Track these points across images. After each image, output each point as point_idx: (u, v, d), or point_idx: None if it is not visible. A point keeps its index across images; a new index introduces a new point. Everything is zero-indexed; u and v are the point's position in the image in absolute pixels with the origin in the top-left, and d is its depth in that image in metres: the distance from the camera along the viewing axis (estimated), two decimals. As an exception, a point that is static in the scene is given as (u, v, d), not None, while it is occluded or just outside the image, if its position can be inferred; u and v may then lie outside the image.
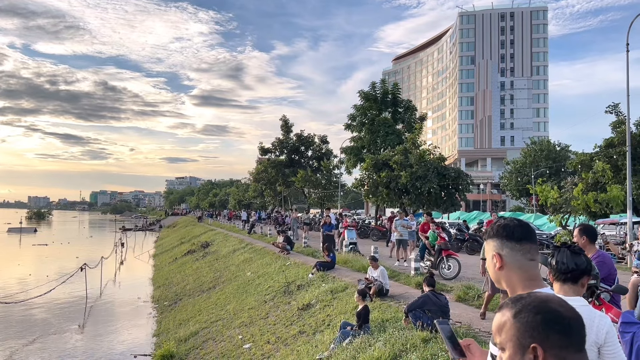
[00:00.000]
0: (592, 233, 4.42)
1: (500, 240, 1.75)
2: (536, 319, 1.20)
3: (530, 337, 1.19)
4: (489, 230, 1.82)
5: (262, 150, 51.37)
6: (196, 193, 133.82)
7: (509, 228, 1.75)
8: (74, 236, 62.73)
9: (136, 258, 37.51)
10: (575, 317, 1.21)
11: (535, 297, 1.26)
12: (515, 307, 1.27)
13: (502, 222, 1.81)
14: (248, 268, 18.52)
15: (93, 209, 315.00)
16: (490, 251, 1.77)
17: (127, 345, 13.55)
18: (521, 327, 1.22)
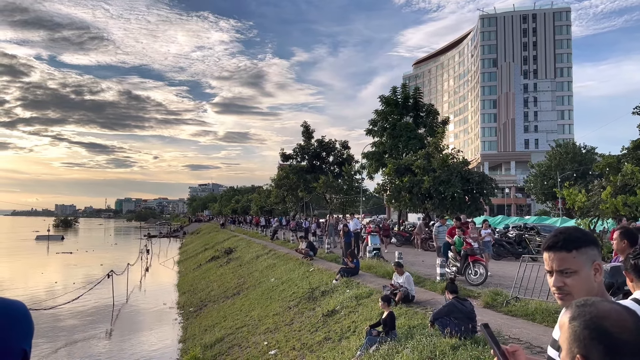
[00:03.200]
0: (633, 236, 4.27)
1: (596, 248, 1.61)
2: (584, 332, 1.19)
3: (577, 347, 1.19)
4: (577, 236, 1.66)
5: (283, 157, 51.59)
6: (219, 200, 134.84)
7: (593, 235, 1.62)
8: (99, 244, 63.74)
9: (161, 264, 37.94)
10: (627, 340, 1.17)
11: (595, 309, 1.22)
12: (574, 312, 1.25)
13: (580, 230, 1.69)
14: (272, 274, 18.55)
15: (118, 217, 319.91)
16: (589, 261, 1.62)
17: (154, 351, 13.67)
18: (572, 334, 1.22)
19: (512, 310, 8.73)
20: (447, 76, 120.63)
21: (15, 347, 1.35)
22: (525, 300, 9.16)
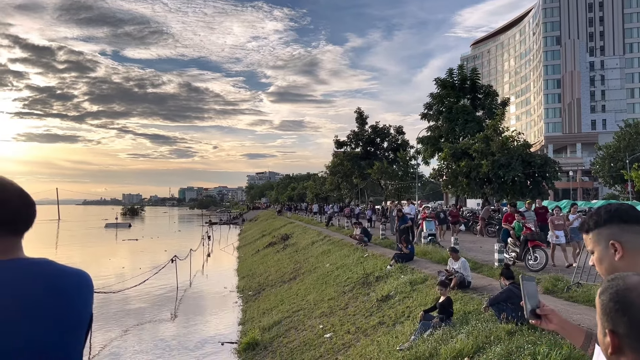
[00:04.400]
0: None
1: (618, 226, 1.55)
2: (609, 305, 1.19)
3: (606, 321, 1.20)
4: (595, 219, 1.60)
5: (338, 144, 51.63)
6: (275, 187, 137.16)
7: (627, 212, 1.56)
8: (164, 231, 66.45)
9: (222, 250, 39.18)
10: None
11: (622, 282, 1.21)
12: (603, 286, 1.25)
13: (612, 207, 1.62)
14: (327, 260, 18.75)
15: (181, 205, 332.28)
16: (603, 241, 1.57)
17: (215, 332, 14.21)
18: (600, 308, 1.23)
19: (574, 296, 8.43)
20: (508, 56, 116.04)
21: (90, 312, 1.55)
22: (588, 285, 8.81)
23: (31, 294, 1.41)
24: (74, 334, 1.49)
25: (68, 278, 1.50)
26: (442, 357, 6.36)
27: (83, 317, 1.52)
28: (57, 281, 1.46)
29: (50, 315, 1.44)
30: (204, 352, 12.32)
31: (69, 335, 1.47)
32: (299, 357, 9.57)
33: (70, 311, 1.48)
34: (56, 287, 1.46)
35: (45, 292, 1.43)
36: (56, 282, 1.46)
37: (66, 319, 1.47)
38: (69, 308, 1.47)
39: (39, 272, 1.45)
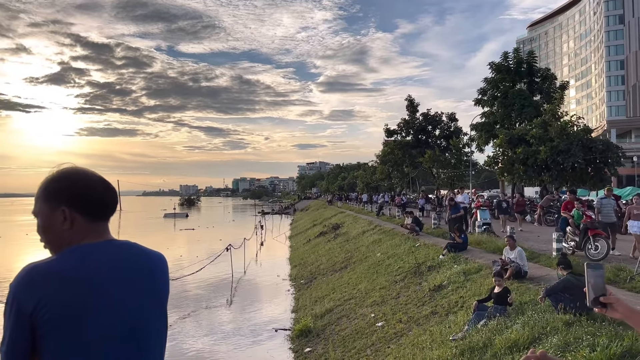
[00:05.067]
0: None
1: None
2: None
3: None
4: None
5: (388, 132, 51.08)
6: (325, 177, 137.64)
7: None
8: (219, 220, 68.19)
9: (274, 239, 39.86)
10: None
11: None
12: None
13: None
14: (378, 249, 18.73)
15: (235, 195, 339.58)
16: None
17: (269, 319, 14.54)
18: None
19: (637, 286, 8.05)
20: (567, 37, 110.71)
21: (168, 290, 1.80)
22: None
23: (132, 269, 1.65)
24: (164, 308, 1.73)
25: (154, 257, 1.74)
26: (496, 347, 6.26)
27: (167, 293, 1.77)
28: (146, 259, 1.71)
29: (149, 289, 1.67)
30: (258, 337, 12.65)
31: (162, 309, 1.72)
32: (351, 344, 9.66)
33: (160, 287, 1.72)
34: (147, 265, 1.70)
35: (141, 268, 1.67)
36: (146, 260, 1.70)
37: (158, 294, 1.71)
38: (159, 284, 1.72)
39: (132, 251, 1.70)
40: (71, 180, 1.65)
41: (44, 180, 1.67)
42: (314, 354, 10.01)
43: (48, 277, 1.51)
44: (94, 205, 1.66)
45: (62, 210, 1.62)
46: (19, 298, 1.50)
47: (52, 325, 1.48)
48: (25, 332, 1.49)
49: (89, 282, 1.54)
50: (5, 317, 1.52)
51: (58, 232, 1.64)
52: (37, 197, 1.68)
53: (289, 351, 11.08)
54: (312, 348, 10.48)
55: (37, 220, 1.68)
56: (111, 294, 1.57)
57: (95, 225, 1.67)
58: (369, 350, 8.91)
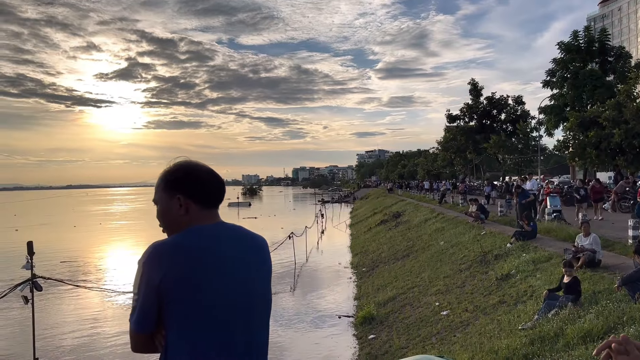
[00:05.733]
0: None
1: None
2: None
3: None
4: None
5: (450, 118, 49.91)
6: (385, 165, 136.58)
7: None
8: (280, 209, 69.43)
9: (334, 227, 40.16)
10: None
11: None
12: None
13: None
14: (441, 237, 18.46)
15: (295, 184, 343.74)
16: None
17: (332, 306, 14.74)
18: None
19: None
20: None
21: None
22: None
23: (243, 246, 1.88)
24: (269, 283, 1.95)
25: (259, 238, 1.98)
26: (568, 337, 6.06)
27: (271, 269, 1.98)
28: (253, 239, 1.94)
29: (257, 264, 1.90)
30: (321, 324, 12.86)
31: (269, 283, 1.94)
32: (415, 332, 9.64)
33: (266, 263, 1.95)
34: (255, 243, 1.93)
35: (250, 246, 1.91)
36: (253, 240, 1.94)
37: (265, 269, 1.94)
38: (265, 261, 1.95)
39: (241, 231, 1.93)
40: (186, 172, 1.88)
41: (163, 172, 1.92)
42: (378, 341, 10.08)
43: (172, 253, 1.73)
44: (205, 193, 1.88)
45: (178, 198, 1.85)
46: (148, 272, 1.70)
47: (176, 294, 1.69)
48: (153, 301, 1.70)
49: (206, 256, 1.75)
50: (135, 290, 1.73)
51: (175, 217, 1.86)
52: (157, 187, 1.92)
53: (353, 337, 11.20)
54: (375, 335, 10.55)
55: (157, 207, 1.91)
56: (226, 267, 1.78)
57: (207, 211, 1.88)
58: (434, 339, 8.86)
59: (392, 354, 8.76)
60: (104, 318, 14.59)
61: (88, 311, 15.34)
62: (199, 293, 1.70)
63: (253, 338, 1.82)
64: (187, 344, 1.70)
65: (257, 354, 1.83)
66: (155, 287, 1.68)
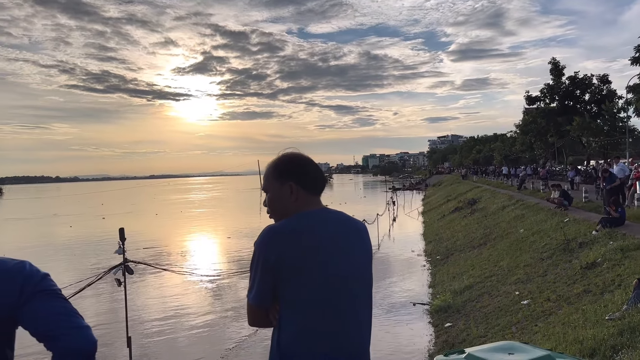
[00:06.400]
0: None
1: None
2: None
3: None
4: None
5: (529, 100, 47.63)
6: (459, 151, 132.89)
7: None
8: (350, 197, 69.52)
9: (406, 215, 39.76)
10: None
11: None
12: None
13: None
14: (520, 225, 17.79)
15: (365, 172, 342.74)
16: None
17: (406, 293, 14.68)
18: None
19: None
20: None
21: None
22: None
23: (347, 229, 2.04)
24: (371, 265, 2.10)
25: (360, 223, 2.15)
26: (664, 330, 5.69)
27: (372, 252, 2.15)
28: (355, 223, 2.11)
29: (360, 247, 2.06)
30: (396, 311, 12.86)
31: (370, 265, 2.10)
32: (494, 321, 9.42)
33: (368, 246, 2.12)
34: (357, 227, 2.10)
35: (353, 230, 2.07)
36: (355, 224, 2.11)
37: (367, 251, 2.11)
38: (367, 244, 2.11)
39: (344, 216, 2.11)
40: (296, 162, 2.07)
41: (274, 162, 2.09)
42: (455, 329, 9.95)
43: (286, 235, 1.90)
44: (312, 181, 2.07)
45: (290, 186, 2.02)
46: (264, 253, 1.89)
47: (289, 273, 1.86)
48: (269, 280, 1.89)
49: (316, 238, 1.92)
50: (252, 270, 1.93)
51: (286, 203, 2.03)
52: (268, 176, 2.08)
53: (429, 325, 11.13)
54: (452, 323, 10.41)
55: (268, 195, 2.08)
56: (333, 248, 1.94)
57: (313, 197, 2.07)
58: (514, 328, 8.62)
59: (470, 343, 8.62)
60: (186, 300, 15.43)
61: (172, 293, 16.28)
62: (310, 272, 1.87)
63: (358, 314, 1.96)
64: (298, 319, 1.87)
65: (362, 329, 1.98)
66: (270, 266, 1.86)
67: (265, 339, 10.88)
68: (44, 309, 1.55)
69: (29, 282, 1.58)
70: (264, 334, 11.00)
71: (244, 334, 11.57)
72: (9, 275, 1.58)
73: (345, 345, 1.91)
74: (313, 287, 1.87)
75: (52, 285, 1.64)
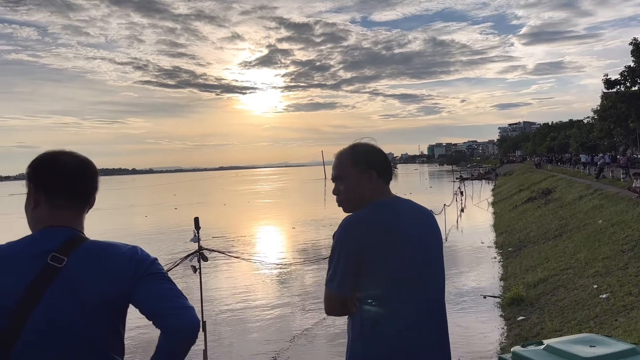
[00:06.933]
0: None
1: None
2: None
3: None
4: None
5: (608, 83, 44.66)
6: (531, 138, 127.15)
7: None
8: (415, 187, 68.48)
9: (475, 206, 38.67)
10: None
11: None
12: None
13: None
14: (599, 215, 16.86)
15: (431, 161, 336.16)
16: None
17: (475, 286, 14.33)
18: None
19: None
20: None
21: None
22: None
23: (421, 218, 2.12)
24: (442, 252, 2.19)
25: (429, 211, 2.23)
26: None
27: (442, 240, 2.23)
28: (426, 212, 2.20)
29: (434, 235, 2.14)
30: (465, 303, 12.60)
31: (442, 252, 2.17)
32: (571, 315, 9.02)
33: (439, 234, 2.20)
34: (428, 216, 2.19)
35: (426, 218, 2.15)
36: (427, 213, 2.20)
37: (439, 239, 2.18)
38: (438, 232, 2.19)
39: (415, 205, 2.19)
40: (375, 152, 2.15)
41: (352, 150, 2.14)
42: (528, 323, 9.62)
43: (367, 225, 1.98)
44: (387, 170, 2.17)
45: (370, 174, 2.09)
46: (347, 243, 1.96)
47: (372, 261, 1.93)
48: (352, 268, 1.95)
49: (394, 227, 2.00)
50: (334, 260, 1.99)
51: (363, 192, 2.09)
52: (345, 163, 2.11)
53: (500, 318, 10.83)
54: (525, 317, 10.07)
55: (343, 183, 2.11)
56: (410, 235, 2.01)
57: (386, 186, 2.16)
58: (592, 322, 8.22)
59: (544, 337, 8.28)
60: (254, 287, 15.90)
61: (241, 281, 16.81)
62: (392, 259, 1.94)
63: (434, 297, 2.06)
64: (381, 305, 1.95)
65: (438, 311, 2.08)
66: (354, 256, 1.93)
67: (330, 327, 11.04)
68: (154, 290, 1.69)
69: (141, 265, 1.73)
70: (329, 323, 11.16)
71: (310, 323, 11.77)
72: (123, 258, 1.73)
73: (427, 327, 1.99)
74: (395, 273, 1.93)
75: (160, 268, 1.78)
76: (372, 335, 1.93)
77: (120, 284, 1.69)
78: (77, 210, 1.83)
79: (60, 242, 1.70)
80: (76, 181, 1.80)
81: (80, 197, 1.82)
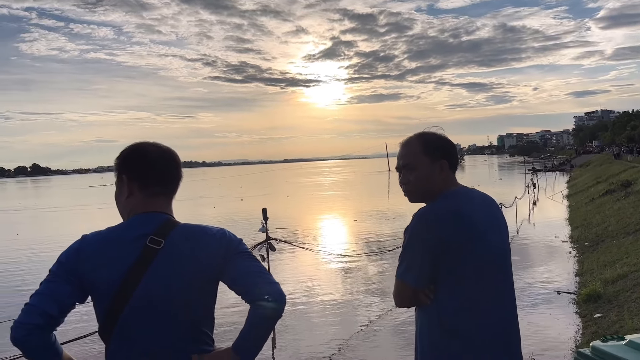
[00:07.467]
0: None
1: None
2: None
3: None
4: None
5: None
6: (610, 127, 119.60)
7: None
8: (484, 179, 66.36)
9: (548, 198, 37.05)
10: None
11: None
12: None
13: None
14: (687, 209, 15.63)
15: (500, 152, 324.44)
16: None
17: (547, 281, 13.76)
18: None
19: None
20: None
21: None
22: None
23: (490, 207, 2.17)
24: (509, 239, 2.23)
25: (492, 198, 2.26)
26: None
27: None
28: (493, 200, 2.26)
29: (503, 223, 2.20)
30: (538, 299, 12.13)
31: (508, 240, 2.22)
32: (654, 314, 8.44)
33: (505, 222, 2.22)
34: (495, 204, 2.24)
35: (494, 207, 2.21)
36: (493, 201, 2.25)
37: (507, 228, 2.22)
38: (505, 220, 2.23)
39: (482, 193, 2.24)
40: (446, 141, 2.17)
41: (423, 138, 2.15)
42: (606, 321, 9.10)
43: (442, 216, 2.00)
44: (457, 161, 2.21)
45: (441, 163, 2.11)
46: (424, 235, 1.99)
47: (449, 252, 1.95)
48: (430, 261, 1.98)
49: (468, 217, 2.01)
50: (409, 252, 2.03)
51: (434, 181, 2.10)
52: (414, 152, 2.11)
53: (575, 315, 10.33)
54: (602, 314, 9.54)
55: (413, 172, 2.12)
56: (484, 224, 2.03)
57: (454, 176, 2.20)
58: (680, 324, 7.65)
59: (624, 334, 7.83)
60: (318, 278, 16.06)
61: (305, 271, 17.01)
62: (468, 249, 1.96)
63: (507, 283, 2.10)
64: (459, 295, 1.97)
65: (513, 300, 2.14)
66: (431, 248, 1.96)
67: (392, 319, 10.98)
68: (242, 267, 1.83)
69: (230, 245, 1.87)
70: (392, 316, 11.11)
71: (374, 315, 11.75)
72: (214, 239, 1.87)
73: (503, 315, 2.03)
74: (472, 263, 1.95)
75: (246, 248, 1.94)
76: (452, 326, 1.95)
77: (214, 263, 1.83)
78: (168, 197, 1.99)
79: (156, 226, 1.84)
80: (166, 170, 1.96)
81: (170, 184, 1.99)
